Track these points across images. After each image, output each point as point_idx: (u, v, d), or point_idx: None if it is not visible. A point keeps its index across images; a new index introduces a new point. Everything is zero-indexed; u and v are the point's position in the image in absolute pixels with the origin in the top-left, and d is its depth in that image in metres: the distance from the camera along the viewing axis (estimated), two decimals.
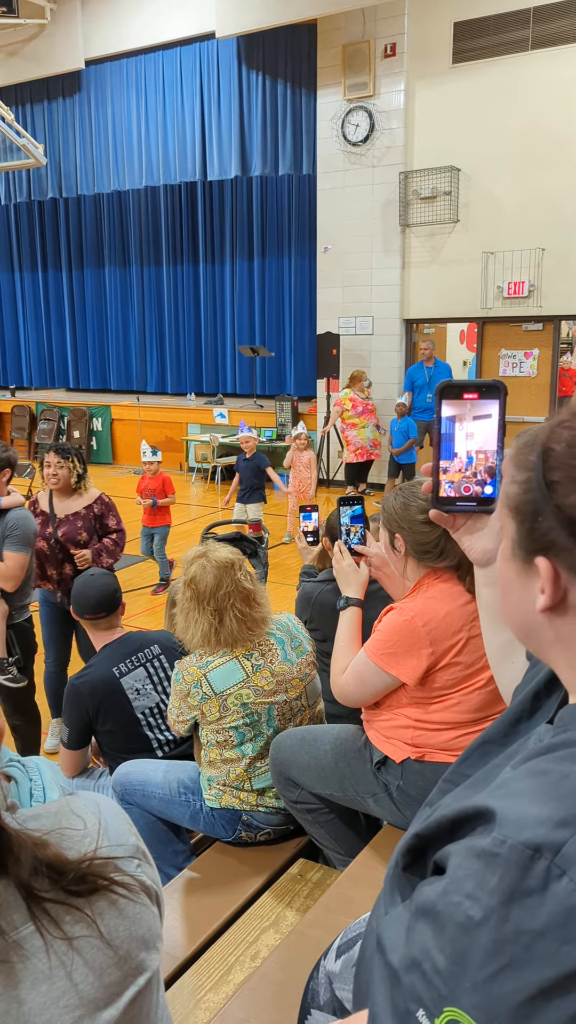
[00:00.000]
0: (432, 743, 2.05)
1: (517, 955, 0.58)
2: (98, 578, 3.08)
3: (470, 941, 0.60)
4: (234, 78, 10.89)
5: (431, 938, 0.63)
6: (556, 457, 0.72)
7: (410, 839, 0.78)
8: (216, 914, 2.12)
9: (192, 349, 13.01)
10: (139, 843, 0.89)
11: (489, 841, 0.63)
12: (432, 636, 2.00)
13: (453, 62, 9.35)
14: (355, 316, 10.40)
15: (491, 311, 9.62)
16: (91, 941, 0.78)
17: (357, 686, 2.12)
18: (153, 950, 0.84)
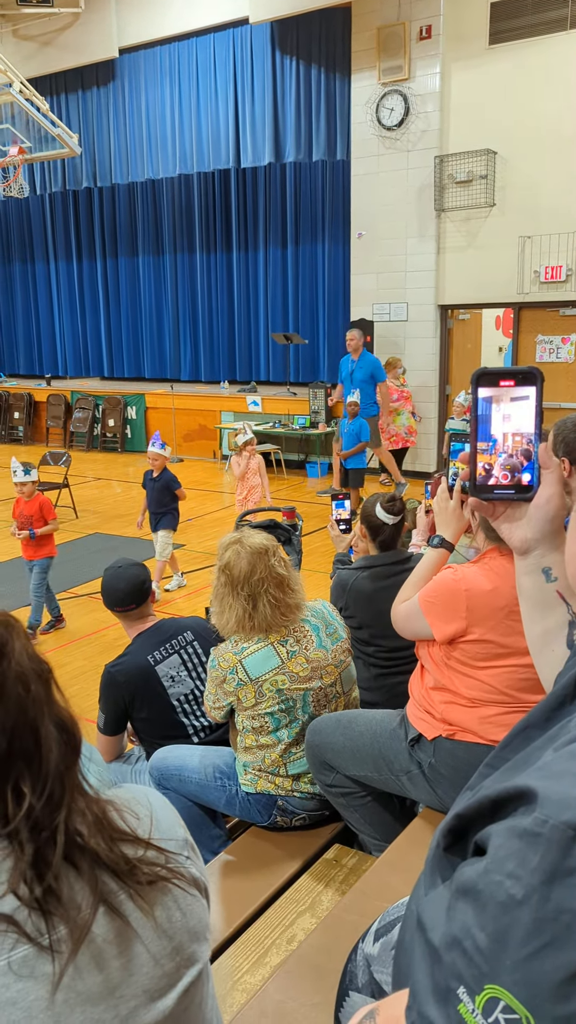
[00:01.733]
0: (461, 720, 2.08)
1: (559, 934, 0.58)
2: (126, 570, 3.07)
3: (511, 920, 0.61)
4: (267, 64, 10.82)
5: (472, 916, 0.64)
6: None
7: (451, 820, 0.78)
8: (252, 897, 2.14)
9: (225, 337, 13.02)
10: (188, 836, 0.90)
11: (531, 821, 0.63)
12: (470, 604, 2.05)
13: (489, 43, 9.20)
14: (389, 302, 10.32)
15: (528, 296, 9.49)
16: (147, 931, 0.80)
17: (405, 617, 2.25)
18: (204, 941, 0.85)
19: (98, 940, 0.76)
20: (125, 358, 14.27)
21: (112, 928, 0.77)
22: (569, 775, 0.66)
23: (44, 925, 0.73)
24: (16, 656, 0.79)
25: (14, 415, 14.09)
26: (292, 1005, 1.60)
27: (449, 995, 0.63)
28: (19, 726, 0.77)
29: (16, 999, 0.71)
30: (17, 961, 0.72)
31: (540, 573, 1.02)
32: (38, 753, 0.77)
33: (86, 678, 4.71)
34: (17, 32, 12.27)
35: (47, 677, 0.83)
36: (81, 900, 0.76)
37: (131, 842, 0.81)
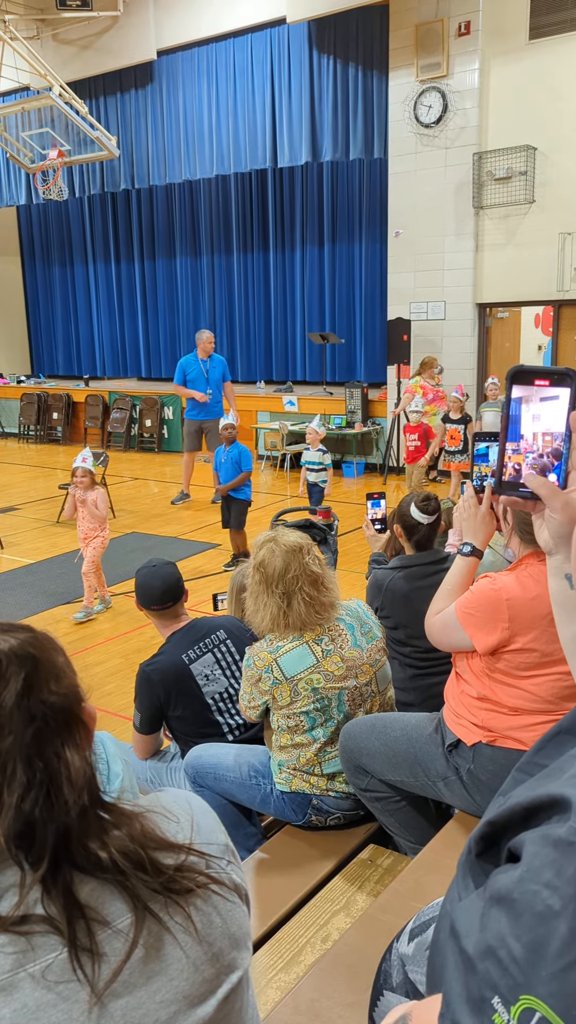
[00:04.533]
0: (502, 727, 2.04)
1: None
2: (161, 568, 3.08)
3: (548, 930, 0.60)
4: (305, 63, 10.81)
5: (507, 926, 0.63)
6: None
7: (483, 826, 0.77)
8: (287, 896, 2.14)
9: (262, 337, 13.05)
10: (228, 841, 0.90)
11: (566, 830, 0.63)
12: (512, 614, 2.00)
13: (530, 38, 9.09)
14: (427, 301, 10.25)
15: (568, 293, 9.35)
16: (187, 937, 0.80)
17: (441, 629, 2.20)
18: (244, 948, 0.85)
19: (139, 947, 0.76)
20: (163, 359, 14.38)
21: (152, 935, 0.77)
22: None
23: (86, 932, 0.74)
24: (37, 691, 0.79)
25: (53, 415, 14.27)
26: (326, 1004, 1.60)
27: (483, 1005, 0.63)
28: (36, 755, 0.77)
29: (56, 1002, 0.72)
30: (56, 967, 0.73)
31: (563, 578, 1.01)
32: (56, 782, 0.77)
33: (122, 676, 4.75)
34: (57, 36, 12.43)
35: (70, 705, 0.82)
36: (122, 909, 0.77)
37: (171, 849, 0.82)
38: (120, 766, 1.39)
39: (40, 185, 11.73)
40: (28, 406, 14.42)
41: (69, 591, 6.43)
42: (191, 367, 9.02)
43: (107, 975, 0.73)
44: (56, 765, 0.77)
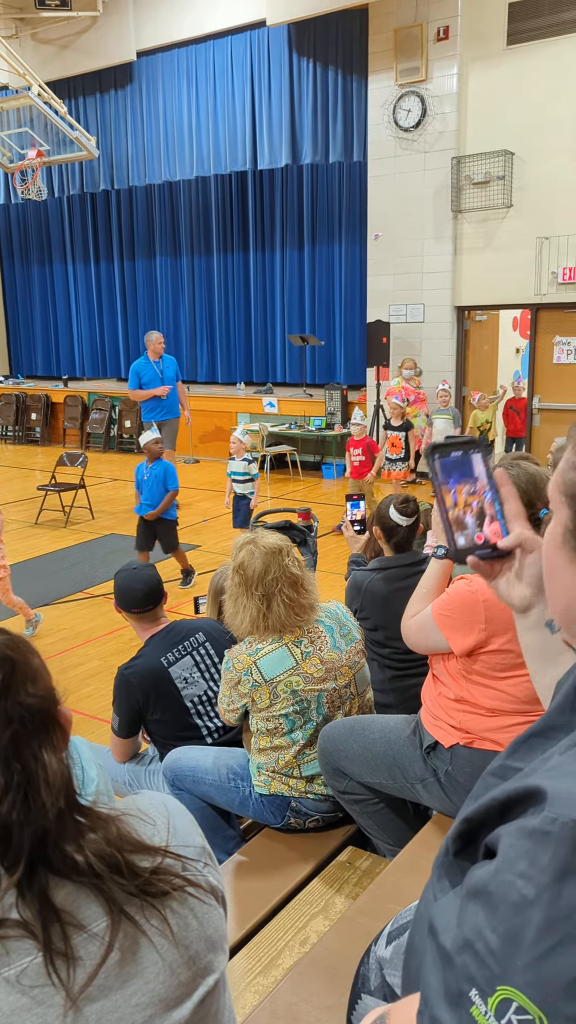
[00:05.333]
0: (480, 728, 2.05)
1: (571, 931, 0.58)
2: (141, 571, 3.05)
3: (523, 920, 0.60)
4: (284, 66, 10.83)
5: (484, 918, 0.63)
6: None
7: (460, 824, 0.78)
8: (266, 899, 2.13)
9: (242, 338, 13.03)
10: (205, 843, 0.90)
11: (540, 820, 0.63)
12: (489, 615, 2.02)
13: (507, 44, 9.16)
14: (406, 304, 10.30)
15: (545, 297, 9.43)
16: (163, 940, 0.79)
17: (417, 631, 2.22)
18: (220, 951, 0.85)
19: (114, 950, 0.76)
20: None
21: (128, 938, 0.77)
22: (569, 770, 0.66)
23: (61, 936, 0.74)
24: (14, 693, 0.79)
25: (31, 416, 14.17)
26: (304, 1007, 1.59)
27: (461, 998, 0.63)
28: (14, 757, 0.77)
29: (31, 1006, 0.71)
30: (31, 971, 0.72)
31: (543, 627, 1.03)
32: (33, 784, 0.77)
33: (101, 678, 4.72)
34: (36, 36, 12.35)
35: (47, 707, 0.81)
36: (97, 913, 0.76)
37: (147, 852, 0.81)
38: (95, 770, 1.39)
39: (19, 185, 11.65)
40: (6, 407, 14.31)
41: (49, 593, 6.39)
42: (145, 370, 8.93)
43: (82, 979, 0.73)
44: (34, 767, 0.77)
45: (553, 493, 0.82)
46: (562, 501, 0.79)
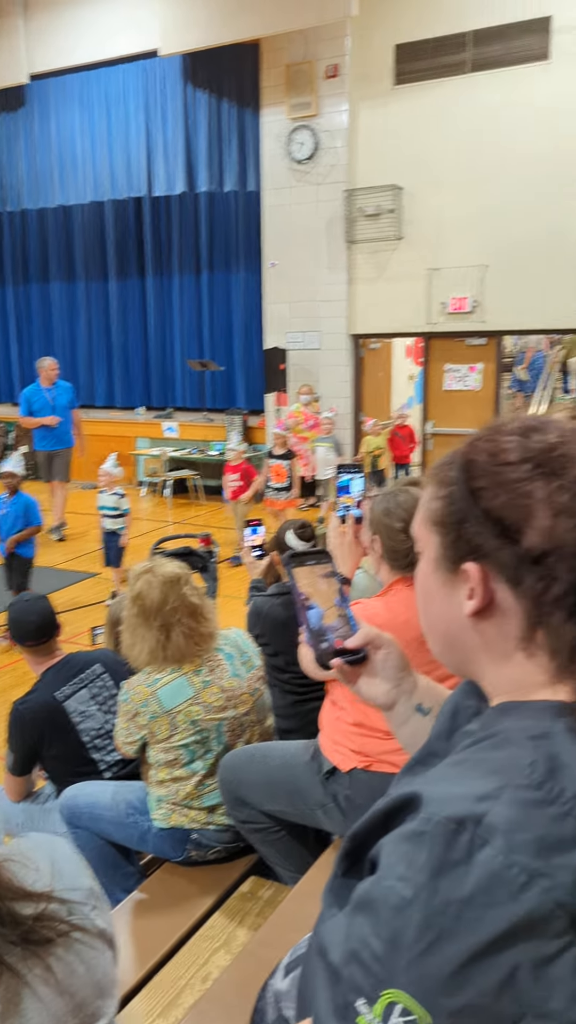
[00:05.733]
0: (377, 751, 2.08)
1: (447, 926, 0.60)
2: (35, 603, 2.98)
3: (404, 920, 0.62)
4: (179, 95, 10.91)
5: (368, 927, 0.65)
6: (479, 467, 0.77)
7: (346, 842, 0.80)
8: (166, 937, 2.09)
9: (140, 363, 12.94)
10: (94, 885, 0.88)
11: (416, 822, 0.66)
12: None
13: (395, 83, 9.52)
14: (302, 331, 10.47)
15: (436, 326, 9.78)
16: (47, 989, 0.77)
17: None
18: (109, 996, 0.83)
19: None
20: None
21: (9, 990, 0.74)
22: (449, 778, 0.69)
23: None
24: None
25: None
26: None
27: (348, 1010, 0.64)
28: None
29: None
30: None
31: (415, 715, 1.07)
32: None
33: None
34: None
35: None
36: None
37: (30, 898, 0.79)
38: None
39: None
40: None
41: None
42: (36, 397, 8.69)
43: None
44: None
45: (419, 529, 0.85)
46: (429, 530, 0.83)
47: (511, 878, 0.60)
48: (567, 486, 0.71)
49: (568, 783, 0.65)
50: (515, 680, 0.77)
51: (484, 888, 0.60)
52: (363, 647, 1.03)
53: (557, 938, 0.59)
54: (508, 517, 0.73)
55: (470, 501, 0.77)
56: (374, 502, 2.21)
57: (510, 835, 0.61)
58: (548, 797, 0.64)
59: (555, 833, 0.62)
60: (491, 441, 0.78)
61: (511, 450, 0.75)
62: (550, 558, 0.71)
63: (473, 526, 0.76)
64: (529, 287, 9.09)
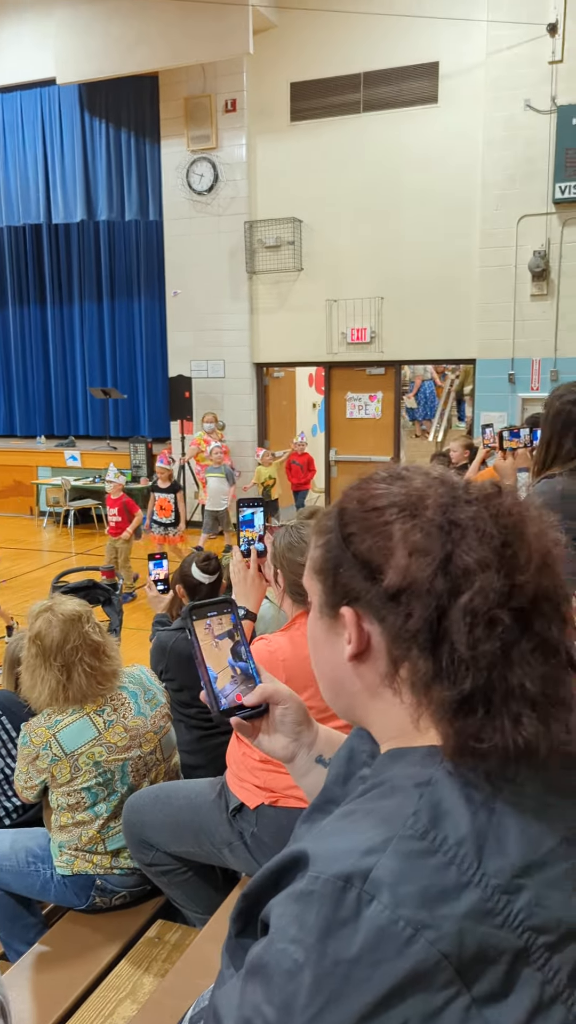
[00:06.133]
0: (283, 786, 2.07)
1: (336, 987, 0.60)
2: None
3: (296, 985, 0.61)
4: (77, 124, 10.85)
5: (261, 993, 0.64)
6: (350, 513, 0.80)
7: (239, 902, 0.79)
8: (69, 989, 2.02)
9: (41, 391, 12.68)
10: None
11: (305, 881, 0.65)
12: (289, 673, 2.04)
13: (291, 120, 9.75)
14: (206, 360, 10.50)
15: (337, 356, 9.98)
16: None
17: None
18: None
19: None
20: None
21: None
22: (337, 832, 0.69)
23: None
24: None
25: None
26: None
27: None
28: None
29: None
30: None
31: (315, 767, 1.07)
32: None
33: None
34: None
35: None
36: None
37: None
38: None
39: None
40: None
41: None
42: None
43: None
44: None
45: (306, 579, 0.87)
46: (312, 579, 0.85)
47: (397, 932, 0.60)
48: (421, 525, 0.74)
49: (450, 831, 0.65)
50: (396, 724, 0.78)
51: (371, 945, 0.60)
52: (262, 702, 1.04)
53: (444, 989, 0.59)
54: (373, 559, 0.76)
55: (343, 547, 0.79)
56: (276, 536, 2.23)
57: (395, 888, 0.62)
58: (432, 847, 0.64)
59: (438, 883, 0.62)
60: (361, 489, 0.81)
61: (379, 496, 0.78)
62: (404, 595, 0.73)
63: (346, 571, 0.79)
64: (423, 319, 9.41)
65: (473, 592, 0.70)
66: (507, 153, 8.69)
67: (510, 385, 9.05)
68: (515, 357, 9.00)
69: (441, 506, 0.75)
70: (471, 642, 0.70)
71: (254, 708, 1.03)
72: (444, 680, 0.71)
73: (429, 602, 0.72)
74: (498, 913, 0.62)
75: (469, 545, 0.72)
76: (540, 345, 8.89)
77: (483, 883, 0.63)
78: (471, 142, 8.89)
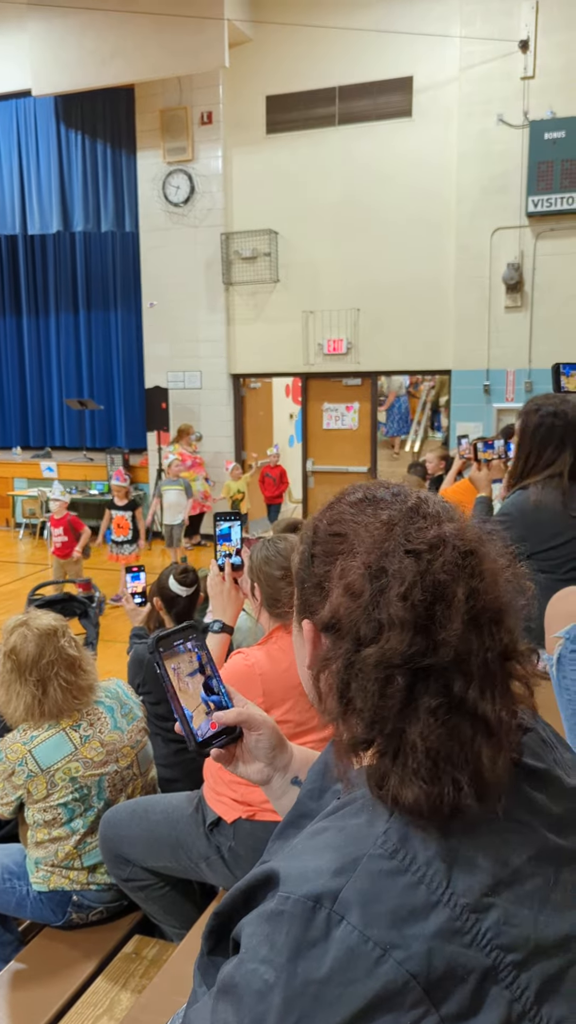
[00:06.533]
0: (260, 800, 2.07)
1: (306, 1008, 0.60)
2: None
3: (266, 1006, 0.62)
4: (52, 135, 10.85)
5: (232, 1014, 0.64)
6: (319, 533, 0.82)
7: (211, 920, 0.79)
8: (46, 1007, 2.00)
9: (17, 402, 12.61)
10: None
11: (276, 901, 0.65)
12: (266, 687, 2.04)
13: (267, 132, 9.81)
14: (183, 371, 10.50)
15: (313, 367, 10.03)
16: None
17: None
18: None
19: None
20: None
21: None
22: (307, 851, 0.69)
23: None
24: None
25: None
26: None
27: None
28: None
29: None
30: None
31: (291, 786, 1.07)
32: None
33: None
34: None
35: None
36: None
37: None
38: None
39: None
40: None
41: None
42: None
43: None
44: None
45: None
46: (291, 583, 0.88)
47: (366, 953, 0.60)
48: (357, 567, 0.74)
49: (420, 850, 0.65)
50: None
51: (341, 966, 0.60)
52: (237, 724, 1.04)
53: (412, 1009, 0.60)
54: (323, 584, 0.79)
55: (308, 563, 0.82)
56: (253, 549, 2.24)
57: (365, 909, 0.62)
58: (401, 866, 0.64)
59: (408, 903, 0.62)
60: (332, 509, 0.83)
61: (343, 522, 0.80)
62: (332, 629, 0.75)
63: (308, 586, 0.81)
64: (399, 330, 9.49)
65: (378, 647, 0.70)
66: (480, 166, 8.80)
67: (485, 396, 9.14)
68: (490, 368, 9.09)
69: (383, 552, 0.74)
70: (365, 695, 0.70)
71: (229, 735, 1.02)
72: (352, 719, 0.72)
73: (345, 646, 0.73)
74: (466, 932, 0.62)
75: (389, 600, 0.71)
76: (515, 356, 8.99)
77: (452, 902, 0.63)
78: (445, 156, 9.00)
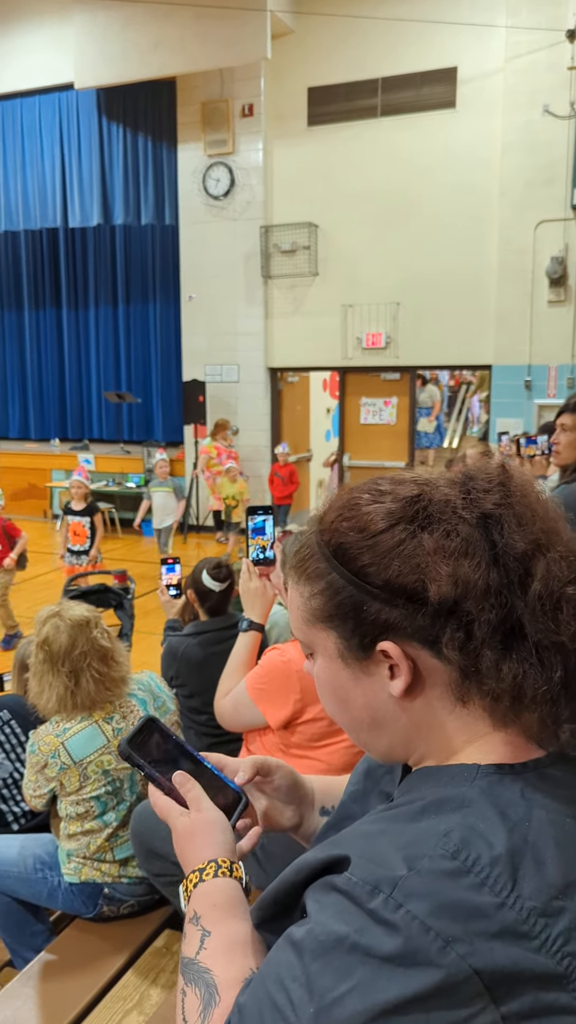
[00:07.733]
0: None
1: (364, 977, 0.61)
2: None
3: (322, 965, 0.63)
4: (94, 128, 10.90)
5: (287, 967, 0.65)
6: (354, 546, 0.75)
7: (266, 894, 0.78)
8: (76, 999, 2.00)
9: (56, 394, 12.73)
10: None
11: (342, 879, 0.66)
12: (303, 684, 2.02)
13: (308, 124, 9.75)
14: (221, 364, 10.50)
15: (351, 361, 9.96)
16: None
17: (232, 711, 2.18)
18: None
19: None
20: None
21: None
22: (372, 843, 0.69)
23: None
24: None
25: None
26: None
27: None
28: None
29: None
30: None
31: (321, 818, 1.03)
32: None
33: None
34: None
35: None
36: None
37: None
38: None
39: None
40: None
41: None
42: None
43: None
44: None
45: (304, 633, 0.82)
46: (319, 629, 0.79)
47: (427, 943, 0.60)
48: (450, 531, 0.71)
49: (484, 851, 0.64)
50: (439, 747, 0.76)
51: (403, 951, 0.60)
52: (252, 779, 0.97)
53: (469, 1005, 0.59)
54: (407, 582, 0.71)
55: (359, 583, 0.74)
56: (286, 543, 2.21)
57: (426, 900, 0.61)
58: (463, 867, 0.63)
59: (471, 902, 0.61)
60: (351, 519, 0.76)
61: (376, 519, 0.74)
62: (463, 603, 0.70)
63: (374, 605, 0.73)
64: (439, 324, 9.38)
65: (540, 576, 0.69)
66: (525, 158, 8.65)
67: (526, 391, 9.00)
68: (532, 363, 8.94)
69: (463, 503, 0.73)
70: (555, 626, 0.69)
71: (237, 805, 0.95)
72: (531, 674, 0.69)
73: (492, 601, 0.69)
74: (535, 937, 0.61)
75: (511, 531, 0.71)
76: (557, 351, 8.83)
77: (518, 905, 0.62)
78: (489, 147, 8.86)
